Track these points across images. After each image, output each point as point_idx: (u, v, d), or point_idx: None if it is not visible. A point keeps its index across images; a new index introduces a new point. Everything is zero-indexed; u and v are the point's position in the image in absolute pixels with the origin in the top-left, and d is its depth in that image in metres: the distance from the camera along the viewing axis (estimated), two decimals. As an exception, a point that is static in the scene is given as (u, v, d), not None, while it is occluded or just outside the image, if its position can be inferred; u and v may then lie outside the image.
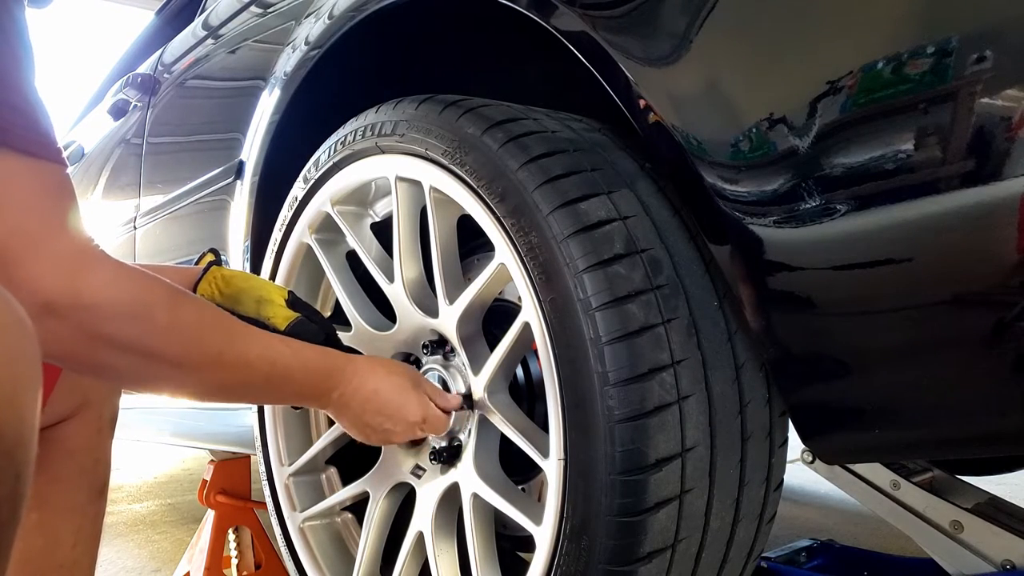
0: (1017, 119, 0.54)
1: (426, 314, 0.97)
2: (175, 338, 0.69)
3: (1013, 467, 1.70)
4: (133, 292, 0.66)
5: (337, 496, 1.12)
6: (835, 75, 0.61)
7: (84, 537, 0.93)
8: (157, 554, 2.11)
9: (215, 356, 0.72)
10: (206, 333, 0.72)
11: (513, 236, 0.79)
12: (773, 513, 0.86)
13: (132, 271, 0.68)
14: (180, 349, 0.70)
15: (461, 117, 0.87)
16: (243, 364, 0.75)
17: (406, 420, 0.89)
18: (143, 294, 0.67)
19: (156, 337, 0.67)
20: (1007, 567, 1.02)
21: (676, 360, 0.72)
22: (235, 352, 0.74)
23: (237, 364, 0.74)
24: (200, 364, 0.72)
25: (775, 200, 0.66)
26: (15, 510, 0.41)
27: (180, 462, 3.72)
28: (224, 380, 0.75)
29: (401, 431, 0.90)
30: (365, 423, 0.89)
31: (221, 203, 1.47)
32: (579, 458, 0.74)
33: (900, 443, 0.73)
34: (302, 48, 1.23)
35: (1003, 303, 0.58)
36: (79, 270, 0.62)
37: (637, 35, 0.76)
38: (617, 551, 0.72)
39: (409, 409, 0.89)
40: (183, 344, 0.70)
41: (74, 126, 2.90)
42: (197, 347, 0.71)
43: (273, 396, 0.90)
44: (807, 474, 1.47)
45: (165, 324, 0.68)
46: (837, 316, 0.67)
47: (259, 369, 0.76)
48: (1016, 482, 1.81)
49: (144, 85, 2.02)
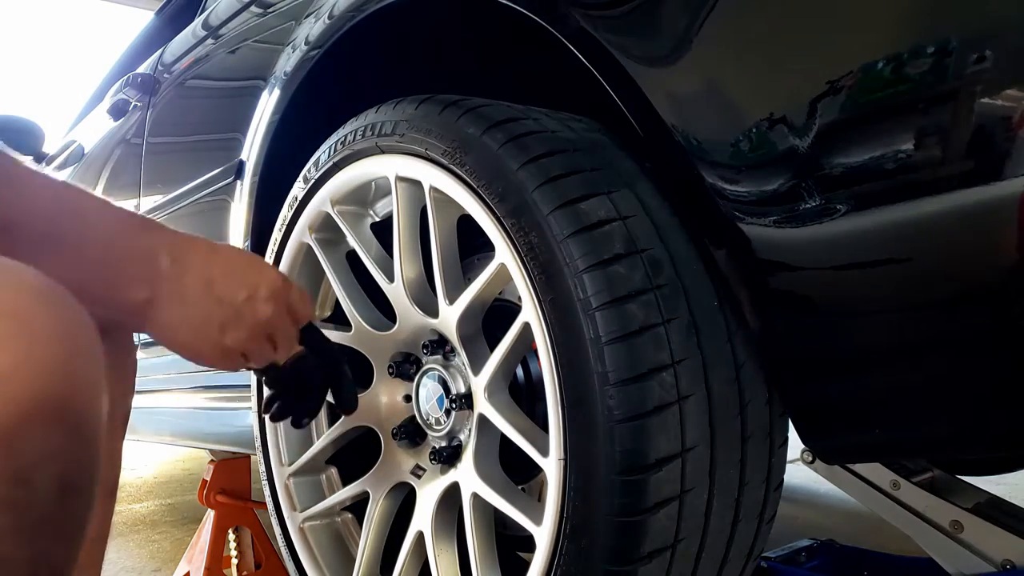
0: (1017, 119, 0.54)
1: (426, 314, 0.97)
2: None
3: (1013, 467, 1.70)
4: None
5: (337, 496, 1.12)
6: (835, 75, 0.61)
7: (91, 539, 0.93)
8: (157, 554, 2.11)
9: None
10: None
11: (513, 236, 0.79)
12: (773, 513, 0.86)
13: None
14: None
15: (461, 117, 0.87)
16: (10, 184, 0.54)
17: (270, 283, 0.70)
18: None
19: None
20: (1007, 567, 1.02)
21: (676, 360, 0.72)
22: None
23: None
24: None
25: (775, 200, 0.66)
26: (94, 494, 0.42)
27: (180, 462, 3.72)
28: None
29: (264, 313, 0.70)
30: (212, 301, 0.66)
31: (221, 203, 1.47)
32: (579, 458, 0.74)
33: (900, 443, 0.73)
34: (302, 48, 1.23)
35: (1003, 303, 0.58)
36: None
37: (637, 35, 0.76)
38: (617, 551, 0.72)
39: (267, 269, 0.71)
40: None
41: (74, 126, 2.90)
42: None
43: (65, 247, 0.59)
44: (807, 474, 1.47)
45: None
46: (837, 316, 0.67)
47: (32, 195, 0.56)
48: (1016, 482, 1.81)
49: (144, 85, 2.02)
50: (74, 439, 0.40)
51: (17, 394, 0.37)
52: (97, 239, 0.60)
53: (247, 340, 0.70)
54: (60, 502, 0.39)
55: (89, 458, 0.41)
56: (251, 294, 0.69)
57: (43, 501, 0.38)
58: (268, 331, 0.72)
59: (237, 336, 0.69)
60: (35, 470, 0.37)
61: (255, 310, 0.69)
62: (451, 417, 0.96)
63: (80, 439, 0.40)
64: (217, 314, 0.67)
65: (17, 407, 0.36)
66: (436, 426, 0.98)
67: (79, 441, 0.40)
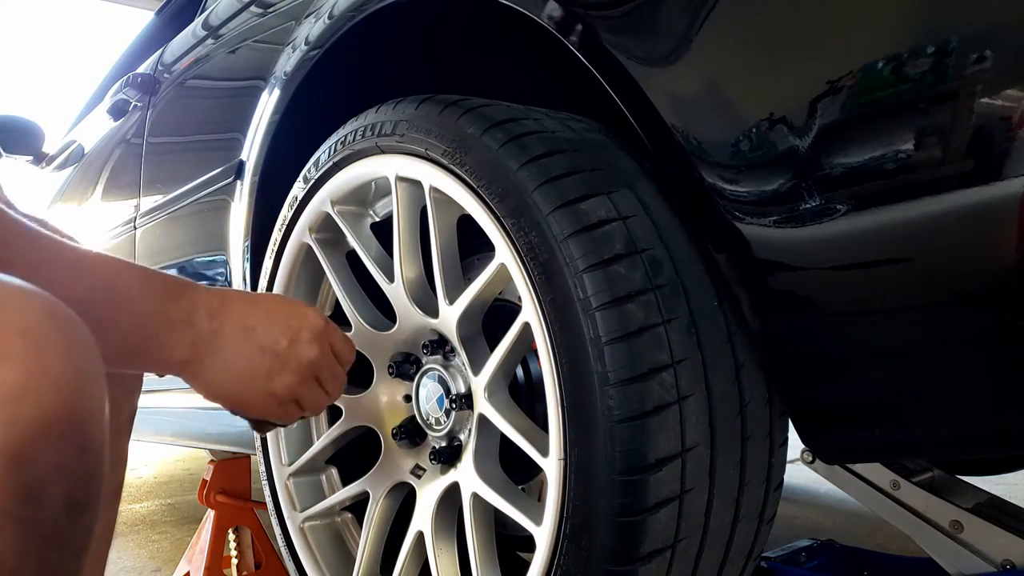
0: (1017, 119, 0.54)
1: (426, 314, 0.97)
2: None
3: (1013, 467, 1.70)
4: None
5: (337, 496, 1.12)
6: (835, 75, 0.61)
7: (96, 540, 0.92)
8: (157, 554, 2.11)
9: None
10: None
11: (513, 236, 0.79)
12: (773, 513, 0.86)
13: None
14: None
15: (461, 117, 0.87)
16: (42, 251, 0.53)
17: (311, 326, 0.69)
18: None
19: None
20: (1007, 567, 1.02)
21: (676, 360, 0.72)
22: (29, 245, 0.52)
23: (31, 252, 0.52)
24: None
25: (775, 200, 0.66)
26: (99, 507, 0.43)
27: (180, 462, 3.72)
28: None
29: (308, 356, 0.68)
30: (254, 350, 0.65)
31: (221, 203, 1.47)
32: (579, 458, 0.74)
33: (900, 443, 0.73)
34: (302, 48, 1.23)
35: (1003, 303, 0.58)
36: None
37: (638, 35, 0.76)
38: (617, 551, 0.72)
39: (308, 312, 0.70)
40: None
41: (74, 126, 2.89)
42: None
43: (100, 322, 0.55)
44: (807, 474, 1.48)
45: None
46: (837, 316, 0.67)
47: (66, 259, 0.55)
48: (1016, 482, 1.81)
49: (144, 85, 2.02)
50: (82, 455, 0.40)
51: (28, 412, 0.37)
52: (131, 312, 0.59)
53: (296, 385, 0.69)
54: (68, 518, 0.39)
55: (96, 473, 0.42)
56: (293, 338, 0.68)
57: (52, 518, 0.38)
58: (315, 373, 0.71)
59: (285, 382, 0.68)
60: (45, 487, 0.38)
61: (299, 354, 0.68)
62: (451, 417, 0.96)
63: (88, 455, 0.40)
64: (261, 362, 0.66)
65: (28, 425, 0.37)
66: (436, 426, 0.98)
67: (87, 457, 0.40)
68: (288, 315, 0.69)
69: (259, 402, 0.68)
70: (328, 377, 0.72)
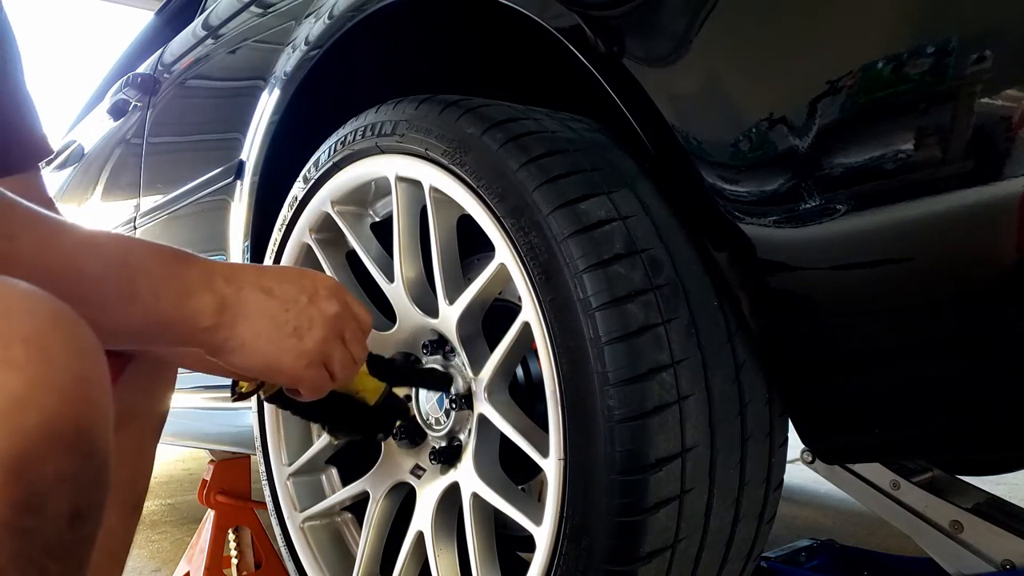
0: (1017, 119, 0.54)
1: (426, 314, 0.97)
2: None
3: (1013, 467, 1.70)
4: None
5: (337, 496, 1.12)
6: (835, 75, 0.61)
7: (113, 554, 0.88)
8: (157, 554, 2.11)
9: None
10: None
11: (513, 236, 0.79)
12: (773, 513, 0.86)
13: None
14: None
15: (461, 117, 0.87)
16: (57, 236, 0.53)
17: (326, 284, 0.69)
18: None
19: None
20: (1007, 567, 1.02)
21: (676, 360, 0.72)
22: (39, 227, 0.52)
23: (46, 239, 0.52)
24: None
25: (775, 200, 0.66)
26: (102, 516, 0.42)
27: (180, 462, 3.72)
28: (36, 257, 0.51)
29: (331, 310, 0.68)
30: (277, 308, 0.65)
31: (221, 203, 1.47)
32: (579, 458, 0.74)
33: (900, 443, 0.73)
34: (302, 48, 1.23)
35: (1003, 303, 0.58)
36: None
37: (638, 35, 0.76)
38: (617, 551, 0.72)
39: (320, 278, 0.70)
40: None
41: (74, 126, 2.90)
42: None
43: (120, 296, 0.56)
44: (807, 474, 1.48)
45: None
46: (837, 316, 0.67)
47: (77, 240, 0.54)
48: (1016, 482, 1.81)
49: (144, 85, 2.02)
50: (86, 464, 0.39)
51: (31, 420, 0.36)
52: (148, 283, 0.58)
53: (324, 341, 0.68)
54: (70, 528, 0.39)
55: (100, 482, 0.41)
56: (312, 295, 0.67)
57: (54, 528, 0.38)
58: (340, 330, 0.70)
59: (314, 337, 0.67)
60: (48, 496, 0.37)
61: (321, 309, 0.68)
62: (451, 417, 0.96)
63: (92, 464, 0.40)
64: (286, 319, 0.65)
65: (31, 433, 0.36)
66: (436, 426, 0.98)
67: (91, 466, 0.40)
68: (300, 276, 0.69)
69: (292, 363, 0.66)
70: (352, 336, 0.71)
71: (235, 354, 0.64)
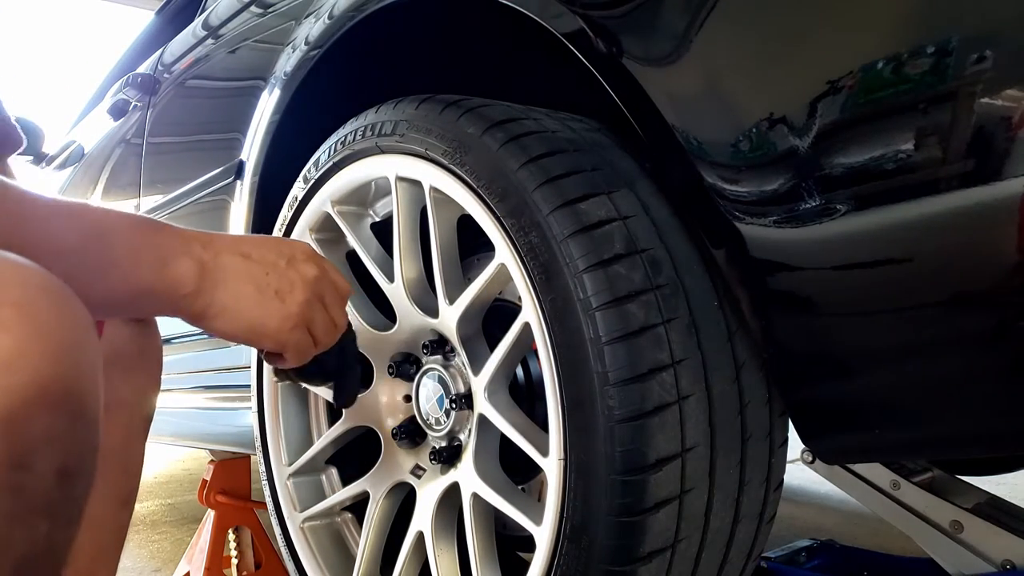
0: (1017, 119, 0.54)
1: (426, 314, 0.97)
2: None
3: (1013, 467, 1.70)
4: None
5: (337, 496, 1.12)
6: (835, 75, 0.61)
7: (106, 548, 0.88)
8: (157, 554, 2.11)
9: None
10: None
11: (513, 236, 0.79)
12: (773, 513, 0.86)
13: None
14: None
15: (461, 117, 0.87)
16: (25, 203, 0.53)
17: (303, 248, 0.70)
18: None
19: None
20: (1007, 567, 1.02)
21: (676, 360, 0.72)
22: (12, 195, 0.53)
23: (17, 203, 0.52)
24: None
25: (775, 200, 0.66)
26: (92, 479, 0.43)
27: (180, 462, 3.72)
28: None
29: (311, 273, 0.69)
30: (257, 271, 0.65)
31: (221, 203, 1.47)
32: (579, 458, 0.74)
33: (900, 443, 0.73)
34: (302, 48, 1.23)
35: (1003, 303, 0.58)
36: None
37: (638, 34, 0.76)
38: (617, 551, 0.72)
39: (296, 244, 0.71)
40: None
41: (74, 126, 2.90)
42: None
43: (101, 266, 0.57)
44: (807, 474, 1.48)
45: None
46: (837, 316, 0.67)
47: (51, 211, 0.55)
48: (1016, 482, 1.81)
49: (144, 85, 2.02)
50: (75, 424, 0.40)
51: (21, 379, 0.37)
52: (126, 251, 0.58)
53: (306, 304, 0.68)
54: (59, 487, 0.39)
55: (89, 443, 0.42)
56: (290, 258, 0.68)
57: (43, 486, 0.39)
58: (319, 293, 0.70)
59: (296, 299, 0.67)
60: (36, 455, 0.38)
61: (301, 271, 0.68)
62: (451, 417, 0.96)
63: (81, 424, 0.41)
64: (267, 282, 0.66)
65: (21, 392, 0.37)
66: (436, 426, 0.98)
67: (80, 426, 0.41)
68: (277, 242, 0.70)
69: (277, 325, 0.67)
70: (332, 300, 0.71)
71: (218, 319, 0.64)
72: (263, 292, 0.66)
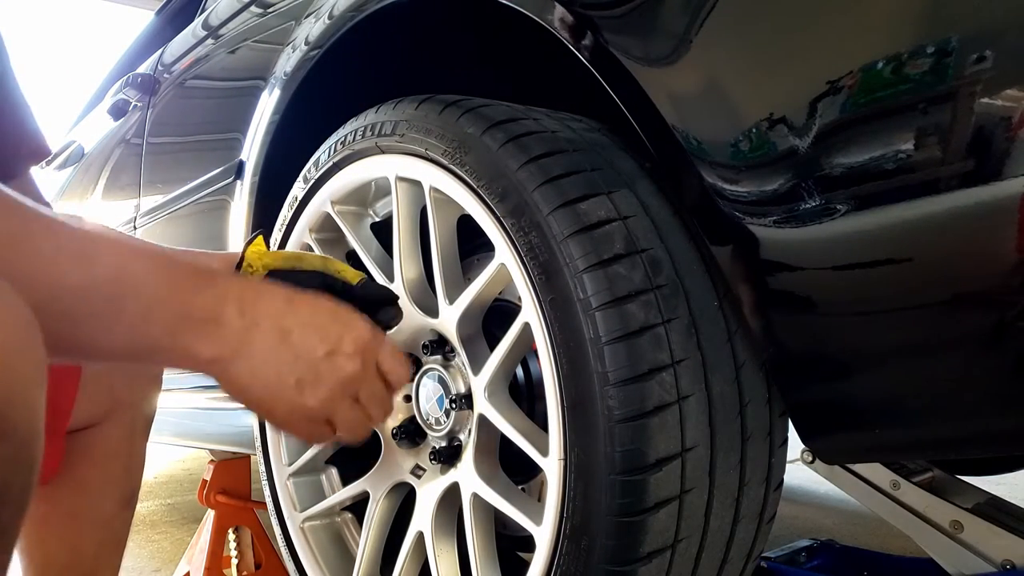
0: (1017, 119, 0.54)
1: (426, 314, 0.97)
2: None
3: (1013, 467, 1.70)
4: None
5: (337, 496, 1.12)
6: (835, 75, 0.61)
7: (107, 548, 0.88)
8: (157, 554, 2.11)
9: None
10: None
11: (513, 236, 0.79)
12: (773, 513, 0.86)
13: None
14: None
15: (461, 117, 0.87)
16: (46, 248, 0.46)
17: (356, 338, 0.62)
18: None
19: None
20: (1007, 567, 1.02)
21: (676, 360, 0.72)
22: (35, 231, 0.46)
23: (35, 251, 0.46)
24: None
25: (775, 200, 0.66)
26: (27, 500, 0.39)
27: (180, 462, 3.72)
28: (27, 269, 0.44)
29: (347, 370, 0.61)
30: (287, 356, 0.58)
31: (221, 203, 1.47)
32: (579, 458, 0.74)
33: (900, 443, 0.73)
34: (302, 48, 1.23)
35: (1003, 303, 0.58)
36: None
37: (638, 34, 0.76)
38: (617, 551, 0.72)
39: (355, 322, 0.63)
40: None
41: (74, 126, 2.90)
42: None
43: (101, 315, 0.49)
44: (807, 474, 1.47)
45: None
46: (837, 316, 0.67)
47: (65, 249, 0.47)
48: (1016, 482, 1.81)
49: (144, 85, 2.02)
50: (6, 446, 0.36)
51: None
52: (139, 306, 0.51)
53: (328, 400, 0.61)
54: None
55: (21, 463, 0.37)
56: (333, 348, 0.60)
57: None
58: (353, 390, 0.63)
59: (317, 395, 0.60)
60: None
61: (336, 366, 0.60)
62: (451, 417, 0.96)
63: (12, 446, 0.37)
64: (292, 370, 0.58)
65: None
66: (436, 426, 0.98)
67: (11, 448, 0.37)
68: (331, 321, 0.61)
69: (284, 414, 0.60)
70: (368, 397, 0.64)
71: (229, 385, 0.58)
72: (282, 380, 0.59)
